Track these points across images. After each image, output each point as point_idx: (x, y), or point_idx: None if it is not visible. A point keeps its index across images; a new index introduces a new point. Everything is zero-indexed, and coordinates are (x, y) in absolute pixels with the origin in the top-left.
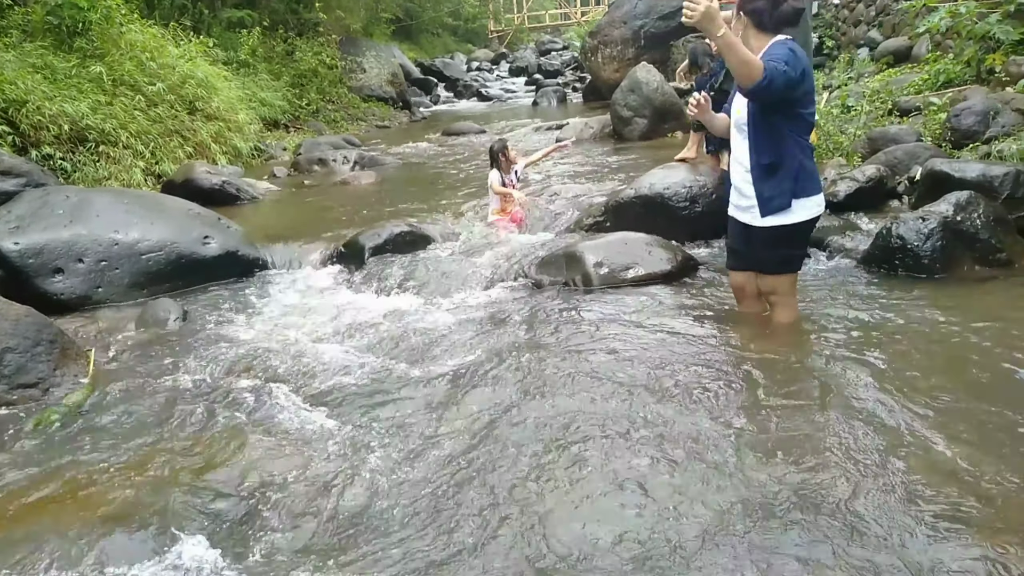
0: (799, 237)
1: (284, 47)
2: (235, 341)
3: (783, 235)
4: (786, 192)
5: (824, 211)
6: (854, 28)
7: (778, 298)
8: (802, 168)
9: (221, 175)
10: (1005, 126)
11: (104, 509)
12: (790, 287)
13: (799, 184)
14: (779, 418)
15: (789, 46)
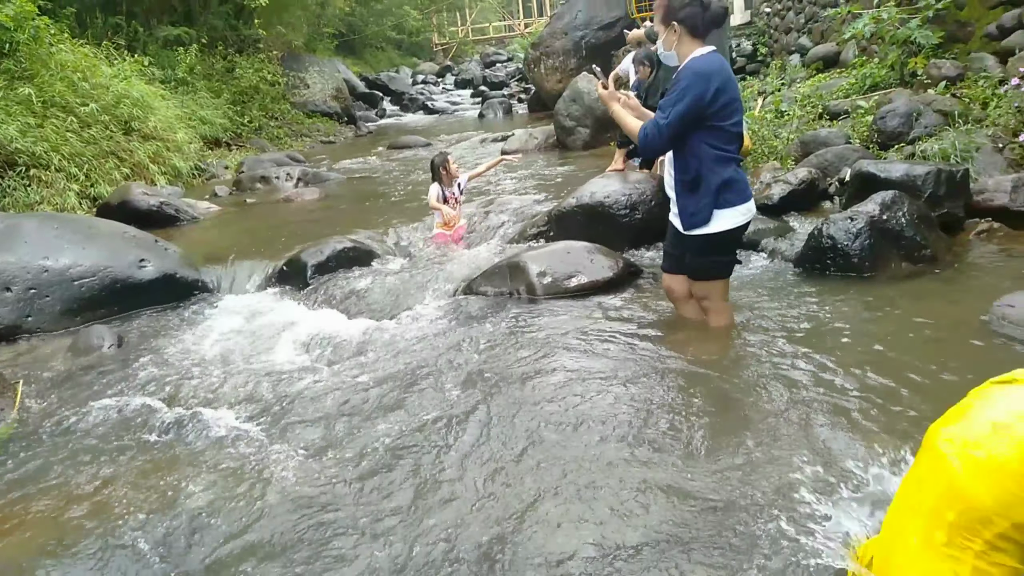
0: (726, 245)
1: (224, 64)
2: (171, 366)
3: (709, 243)
4: (706, 207)
5: (754, 216)
6: (785, 35)
7: (710, 303)
8: (724, 181)
9: (159, 196)
10: (928, 127)
11: (26, 547)
12: (721, 293)
13: (721, 197)
14: (708, 418)
15: (696, 68)
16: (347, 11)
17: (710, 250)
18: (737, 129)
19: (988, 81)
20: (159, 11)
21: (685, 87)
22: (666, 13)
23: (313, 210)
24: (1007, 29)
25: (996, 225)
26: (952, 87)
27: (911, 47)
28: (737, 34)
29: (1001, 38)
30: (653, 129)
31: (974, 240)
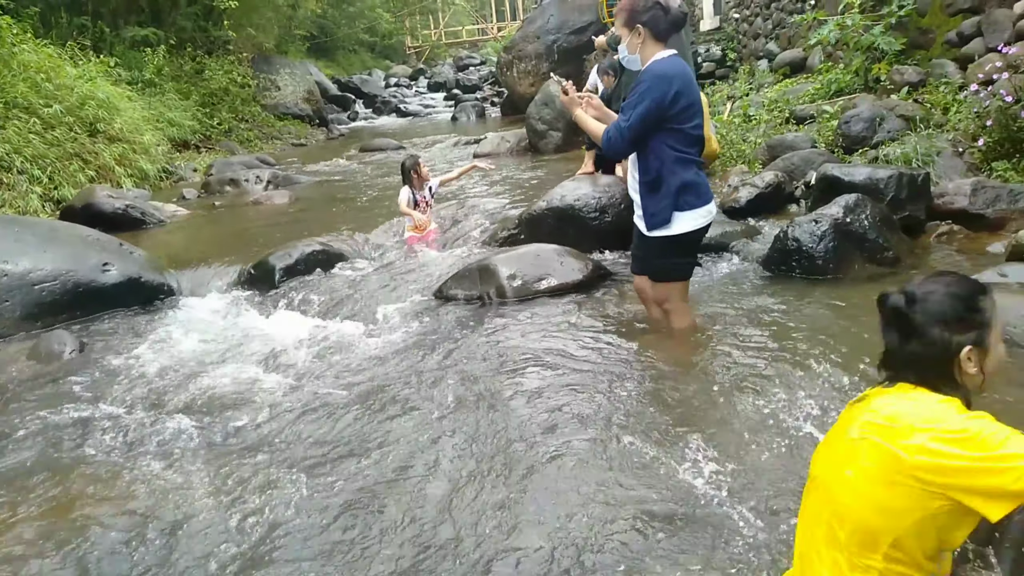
0: (685, 247)
1: (193, 65)
2: (133, 372)
3: (669, 245)
4: (667, 208)
5: (714, 219)
6: (753, 41)
7: (670, 305)
8: (684, 183)
9: (125, 199)
10: (891, 131)
11: None
12: (680, 294)
13: (681, 199)
14: (668, 420)
15: (657, 71)
16: (319, 13)
17: (670, 252)
18: (697, 132)
19: (949, 87)
20: (126, 12)
21: (646, 89)
22: (629, 16)
23: (283, 213)
24: (966, 36)
25: (956, 227)
26: (914, 92)
27: (875, 53)
28: (707, 39)
29: (961, 45)
30: (615, 132)
31: (935, 242)
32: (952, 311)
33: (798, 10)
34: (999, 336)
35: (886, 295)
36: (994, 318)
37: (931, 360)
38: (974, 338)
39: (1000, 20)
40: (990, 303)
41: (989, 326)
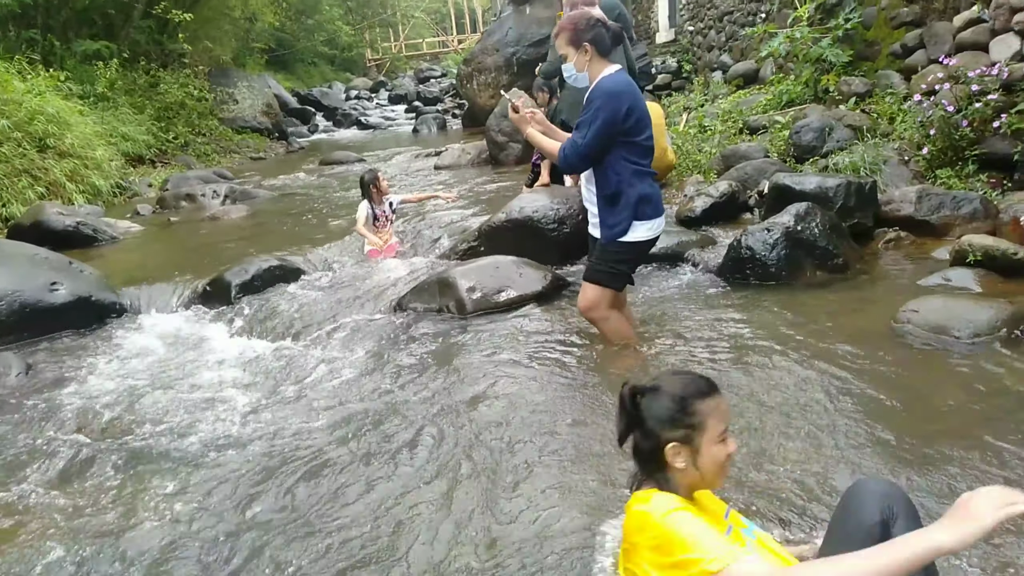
0: (630, 255)
1: (147, 79)
2: (80, 394)
3: (621, 251)
4: (627, 219)
5: (661, 232)
6: (708, 53)
7: (596, 313)
8: (642, 195)
9: (76, 215)
10: (840, 141)
11: None
12: (606, 303)
13: (639, 209)
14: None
15: (607, 88)
16: (277, 26)
17: (617, 257)
18: (649, 143)
19: (894, 97)
20: (77, 25)
21: (599, 107)
22: (574, 35)
23: (240, 228)
24: (910, 48)
25: (903, 234)
26: (861, 103)
27: (823, 65)
28: (662, 51)
29: (905, 56)
30: (571, 149)
31: (882, 249)
32: (665, 410)
33: (749, 23)
34: (716, 439)
35: (623, 385)
36: (708, 423)
37: (646, 451)
38: (681, 437)
39: (941, 33)
40: (709, 407)
41: (701, 429)
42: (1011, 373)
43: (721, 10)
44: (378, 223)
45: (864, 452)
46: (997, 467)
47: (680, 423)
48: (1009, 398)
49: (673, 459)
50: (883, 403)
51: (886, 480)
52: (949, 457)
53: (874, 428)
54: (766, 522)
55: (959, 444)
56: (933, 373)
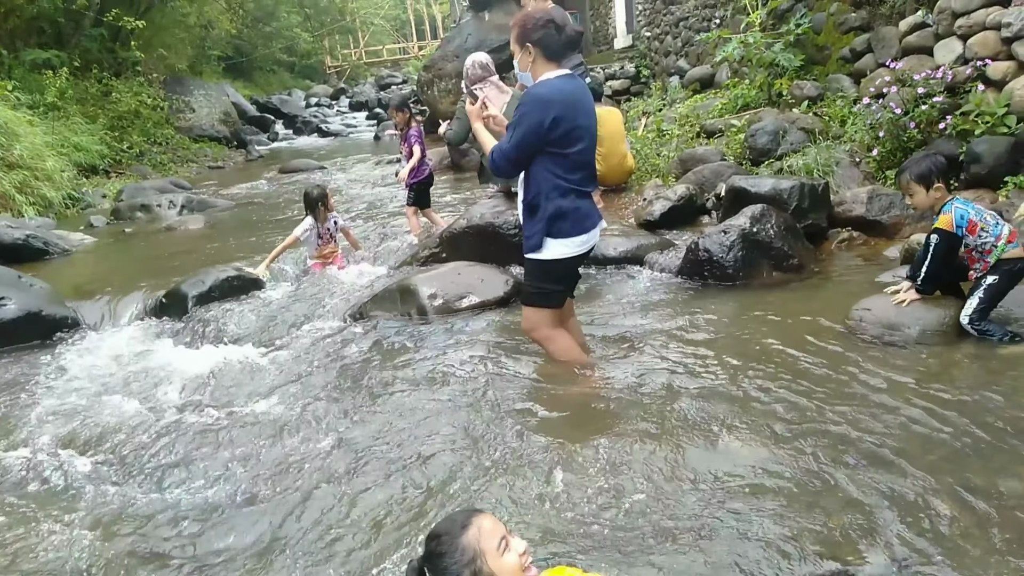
0: (554, 274)
1: (99, 88)
2: (27, 410)
3: (540, 269)
4: (538, 233)
5: (589, 248)
6: (665, 58)
7: (538, 334)
8: (558, 211)
9: (25, 228)
10: (793, 143)
11: None
12: (547, 322)
13: (553, 226)
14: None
15: (536, 93)
16: (234, 33)
17: (539, 276)
18: (583, 157)
19: (844, 100)
20: (26, 34)
21: (523, 113)
22: (521, 34)
23: (197, 239)
24: (858, 52)
25: (855, 234)
26: (813, 106)
27: (776, 69)
28: (621, 57)
29: (854, 61)
30: (498, 152)
31: (836, 249)
32: (448, 569)
33: (704, 28)
34: (498, 553)
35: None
36: (481, 547)
37: None
38: (472, 574)
39: (888, 37)
40: (471, 538)
41: (480, 557)
42: (959, 366)
43: (677, 16)
44: (321, 240)
45: (818, 446)
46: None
47: (461, 567)
48: (958, 389)
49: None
50: (833, 400)
51: None
52: (897, 453)
53: (826, 424)
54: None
55: (905, 439)
56: (884, 367)
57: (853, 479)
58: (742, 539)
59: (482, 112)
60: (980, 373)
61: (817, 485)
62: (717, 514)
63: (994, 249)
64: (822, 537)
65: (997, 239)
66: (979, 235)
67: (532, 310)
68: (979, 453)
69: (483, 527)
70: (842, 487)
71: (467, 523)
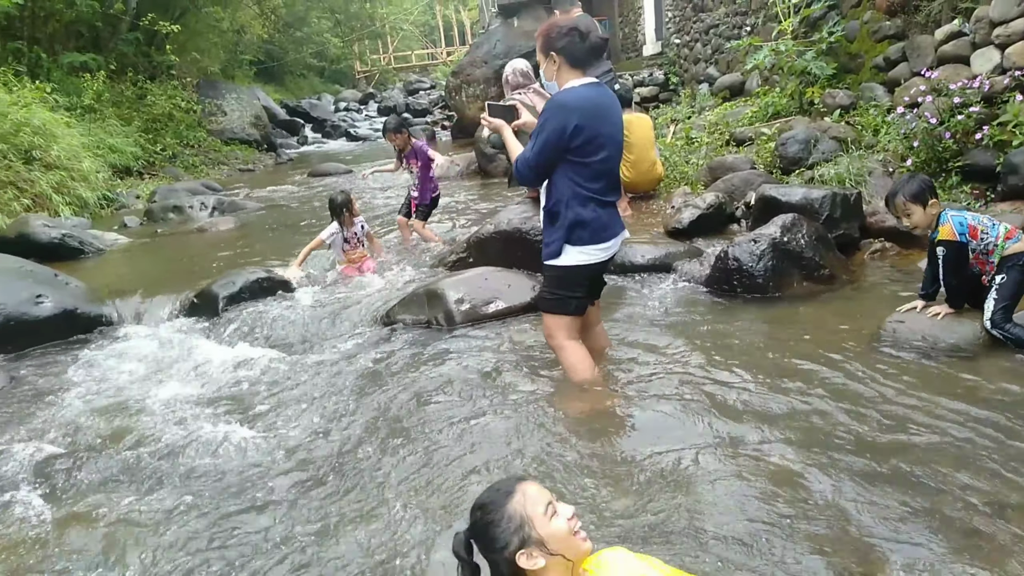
0: (570, 280)
1: (134, 91)
2: (64, 407)
3: (556, 275)
4: (558, 240)
5: (603, 259)
6: (694, 65)
7: (553, 342)
8: (578, 220)
9: (62, 228)
10: (825, 152)
11: None
12: (563, 332)
13: (573, 234)
14: (602, 449)
15: (559, 101)
16: (266, 38)
17: (557, 283)
18: (606, 166)
19: (878, 109)
20: (64, 37)
21: (544, 120)
22: (545, 43)
23: (228, 240)
24: (892, 61)
25: (888, 245)
26: (846, 115)
27: (808, 77)
28: (649, 64)
29: (888, 69)
30: (521, 160)
31: (868, 259)
32: (492, 537)
33: (735, 36)
34: (546, 519)
35: (454, 538)
36: (528, 513)
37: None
38: (519, 543)
39: (923, 46)
40: (518, 504)
41: (528, 523)
42: (995, 380)
43: (707, 23)
44: (348, 246)
45: (851, 462)
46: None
47: (509, 535)
48: (993, 405)
49: (531, 563)
50: (868, 415)
51: None
52: (932, 470)
53: (859, 438)
54: None
55: (940, 456)
56: (918, 382)
57: (886, 494)
58: (772, 558)
59: (515, 119)
60: (1017, 386)
61: (849, 499)
62: (747, 530)
63: (996, 248)
64: (854, 551)
65: (997, 238)
66: (981, 238)
67: (550, 317)
68: (1017, 471)
69: (528, 493)
70: (876, 501)
71: (512, 490)
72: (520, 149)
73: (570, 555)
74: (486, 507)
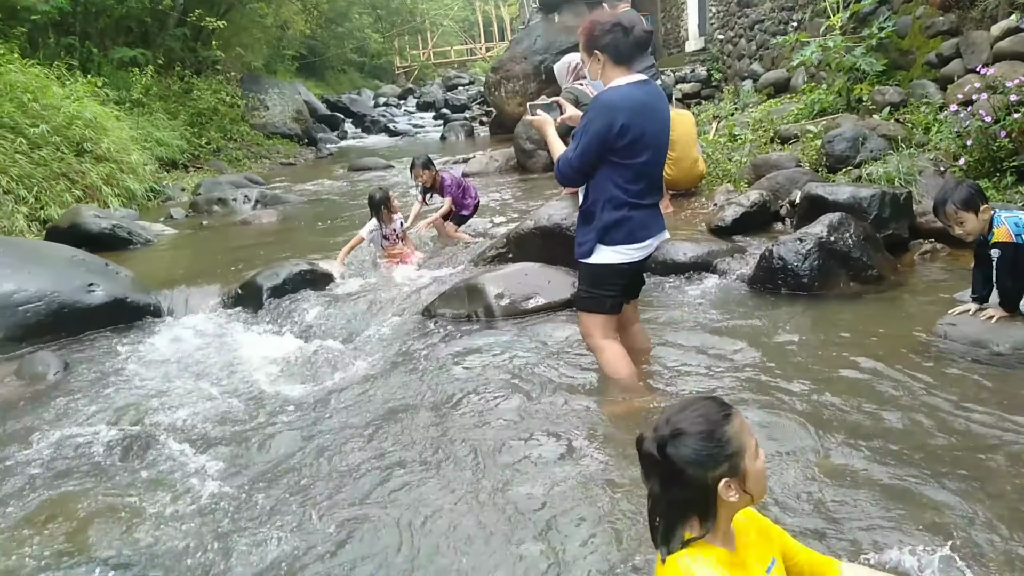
0: (603, 278)
1: (181, 85)
2: (118, 392)
3: (588, 273)
4: (592, 240)
5: (636, 259)
6: (738, 61)
7: (589, 341)
8: (615, 221)
9: (111, 218)
10: (873, 151)
11: None
12: (599, 331)
13: (607, 234)
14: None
15: (604, 100)
16: (308, 33)
17: (590, 281)
18: (648, 168)
19: (929, 107)
20: (114, 32)
21: (589, 120)
22: (588, 42)
23: (270, 232)
24: (946, 57)
25: (939, 246)
26: (896, 112)
27: (856, 74)
28: (692, 60)
29: (940, 66)
30: (564, 160)
31: (918, 260)
32: (702, 451)
33: (781, 31)
34: (754, 452)
35: (640, 441)
36: (744, 441)
37: (692, 501)
38: (727, 470)
39: (978, 42)
40: (735, 428)
41: (740, 453)
42: None
43: (752, 19)
44: (387, 241)
45: (900, 468)
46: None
47: (721, 457)
48: None
49: (727, 495)
50: (920, 419)
51: None
52: (990, 474)
53: (909, 445)
54: None
55: (997, 461)
56: (971, 386)
57: (935, 500)
58: None
59: (558, 116)
60: None
61: (899, 506)
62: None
63: None
64: None
65: None
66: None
67: (585, 315)
68: None
69: (744, 423)
70: (927, 507)
71: (728, 413)
72: (562, 148)
73: (757, 499)
74: (701, 419)
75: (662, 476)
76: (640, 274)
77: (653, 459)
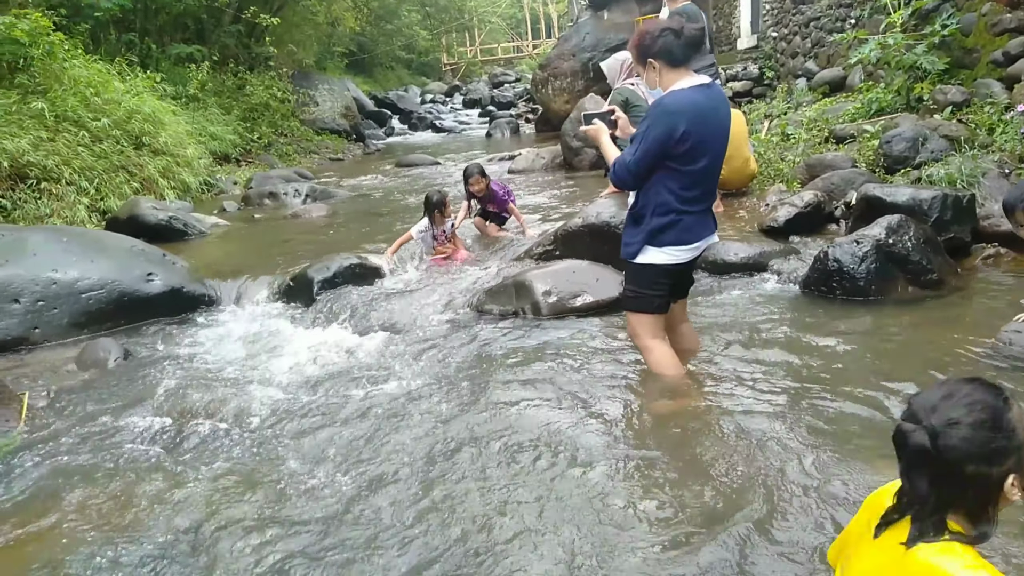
0: (649, 278)
1: (235, 81)
2: (176, 380)
3: (634, 272)
4: (640, 242)
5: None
6: (792, 59)
7: (637, 341)
8: (665, 225)
9: (168, 210)
10: (934, 151)
11: (29, 562)
12: (646, 330)
13: (655, 237)
14: (682, 447)
15: (664, 106)
16: (357, 30)
17: (637, 280)
18: (704, 175)
19: (994, 107)
20: (172, 29)
21: (649, 125)
22: (640, 52)
23: (320, 226)
24: (1013, 56)
25: (1003, 250)
26: (958, 112)
27: (917, 72)
28: (744, 58)
29: (1007, 65)
30: (621, 165)
31: (981, 265)
32: (985, 444)
33: (838, 29)
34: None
35: (904, 433)
36: None
37: (967, 500)
38: (1014, 465)
39: None
40: (1016, 415)
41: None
42: None
43: (807, 16)
44: (436, 242)
45: None
46: None
47: (1007, 451)
48: None
49: (1013, 493)
50: None
51: None
52: None
53: None
54: None
55: None
56: None
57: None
58: None
59: (610, 121)
60: None
61: None
62: None
63: None
64: None
65: None
66: None
67: (633, 315)
68: None
69: (1022, 409)
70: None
71: (1007, 397)
72: (616, 154)
73: None
74: (979, 406)
75: (932, 473)
76: (689, 274)
77: (923, 454)
